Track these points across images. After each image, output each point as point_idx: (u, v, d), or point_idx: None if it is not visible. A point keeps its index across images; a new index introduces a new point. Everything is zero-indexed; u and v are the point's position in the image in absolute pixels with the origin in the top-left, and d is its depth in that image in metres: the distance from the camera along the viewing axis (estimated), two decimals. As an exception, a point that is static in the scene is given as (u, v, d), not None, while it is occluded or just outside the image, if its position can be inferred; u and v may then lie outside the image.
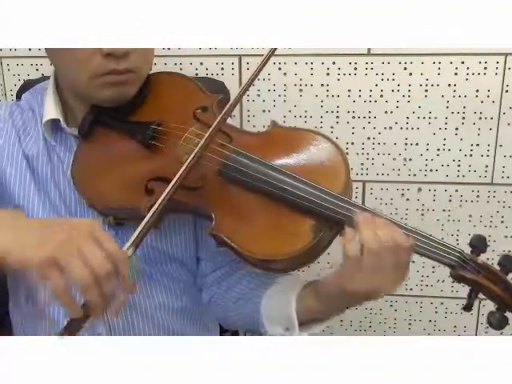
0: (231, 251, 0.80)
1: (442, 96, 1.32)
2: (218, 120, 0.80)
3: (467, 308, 0.78)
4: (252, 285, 0.91)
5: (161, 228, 0.84)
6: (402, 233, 0.75)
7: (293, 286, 0.85)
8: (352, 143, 1.38)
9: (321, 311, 0.81)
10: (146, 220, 0.72)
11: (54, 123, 0.90)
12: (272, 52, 0.84)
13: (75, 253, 0.63)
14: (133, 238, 0.70)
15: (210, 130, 0.80)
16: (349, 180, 0.81)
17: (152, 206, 0.74)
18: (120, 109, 0.89)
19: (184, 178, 0.77)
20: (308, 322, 0.83)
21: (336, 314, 0.82)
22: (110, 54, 0.80)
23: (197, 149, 0.78)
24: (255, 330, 0.89)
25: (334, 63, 1.33)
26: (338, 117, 1.36)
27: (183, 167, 0.76)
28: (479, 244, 0.79)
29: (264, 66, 0.84)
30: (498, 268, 0.79)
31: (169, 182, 0.76)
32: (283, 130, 0.88)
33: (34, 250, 0.64)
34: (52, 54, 0.87)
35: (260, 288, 0.89)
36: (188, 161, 0.77)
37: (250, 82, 0.84)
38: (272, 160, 0.82)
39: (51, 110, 0.89)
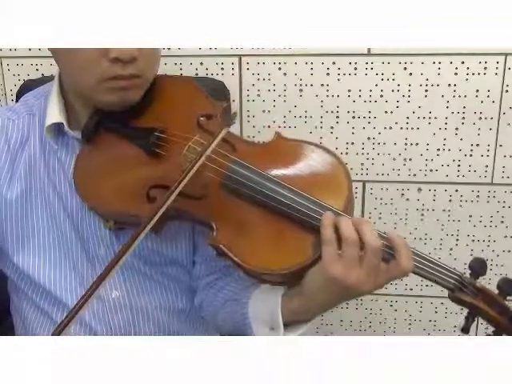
0: (230, 262, 0.79)
1: (442, 96, 1.33)
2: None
3: (465, 330, 0.78)
4: (240, 286, 0.91)
5: (161, 233, 0.84)
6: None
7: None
8: (352, 143, 1.38)
9: (305, 308, 0.81)
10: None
11: (56, 126, 0.89)
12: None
13: None
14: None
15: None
16: (351, 196, 0.81)
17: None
18: (124, 113, 0.88)
19: (186, 188, 0.77)
20: (293, 322, 0.83)
21: (319, 310, 0.82)
22: (117, 59, 0.79)
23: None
24: (243, 332, 0.89)
25: (333, 63, 1.33)
26: (338, 117, 1.36)
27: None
28: (478, 268, 0.79)
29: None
30: (496, 291, 0.79)
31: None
32: (287, 142, 0.87)
33: None
34: (58, 56, 0.86)
35: (248, 289, 0.89)
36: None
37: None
38: (274, 173, 0.82)
39: (55, 114, 0.88)
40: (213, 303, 0.94)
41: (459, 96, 1.32)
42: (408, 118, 1.35)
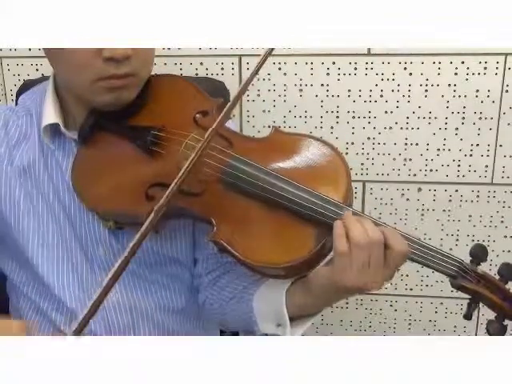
0: (232, 258, 0.80)
1: (442, 96, 1.32)
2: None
3: (467, 317, 0.78)
4: (245, 283, 0.91)
5: (161, 232, 0.84)
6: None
7: (283, 281, 0.85)
8: (352, 143, 1.38)
9: (310, 305, 0.82)
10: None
11: (53, 127, 0.89)
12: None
13: None
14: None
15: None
16: (350, 187, 0.81)
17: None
18: (120, 112, 0.88)
19: (185, 184, 0.77)
20: (298, 317, 0.83)
21: (325, 306, 0.82)
22: (111, 59, 0.79)
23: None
24: (249, 329, 0.89)
25: (333, 63, 1.33)
26: (338, 117, 1.36)
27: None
28: (479, 253, 0.79)
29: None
30: (497, 277, 0.79)
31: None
32: (284, 136, 0.88)
33: None
34: (52, 57, 0.86)
35: (253, 286, 0.89)
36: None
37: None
38: (273, 167, 0.82)
39: (50, 114, 0.88)
40: (217, 301, 0.94)
41: (459, 96, 1.32)
42: (408, 118, 1.35)
